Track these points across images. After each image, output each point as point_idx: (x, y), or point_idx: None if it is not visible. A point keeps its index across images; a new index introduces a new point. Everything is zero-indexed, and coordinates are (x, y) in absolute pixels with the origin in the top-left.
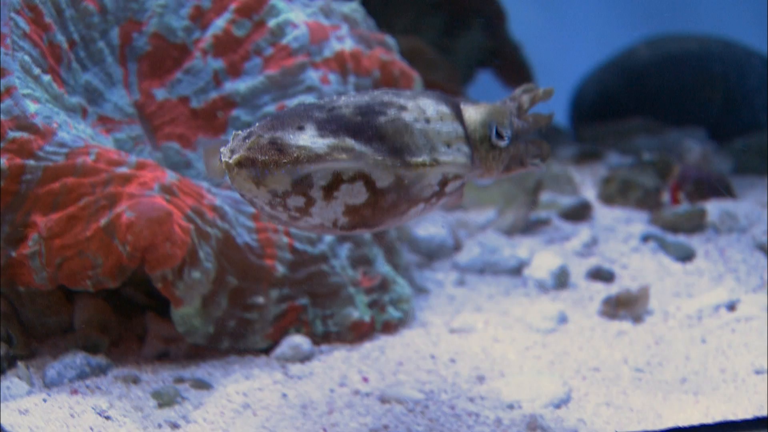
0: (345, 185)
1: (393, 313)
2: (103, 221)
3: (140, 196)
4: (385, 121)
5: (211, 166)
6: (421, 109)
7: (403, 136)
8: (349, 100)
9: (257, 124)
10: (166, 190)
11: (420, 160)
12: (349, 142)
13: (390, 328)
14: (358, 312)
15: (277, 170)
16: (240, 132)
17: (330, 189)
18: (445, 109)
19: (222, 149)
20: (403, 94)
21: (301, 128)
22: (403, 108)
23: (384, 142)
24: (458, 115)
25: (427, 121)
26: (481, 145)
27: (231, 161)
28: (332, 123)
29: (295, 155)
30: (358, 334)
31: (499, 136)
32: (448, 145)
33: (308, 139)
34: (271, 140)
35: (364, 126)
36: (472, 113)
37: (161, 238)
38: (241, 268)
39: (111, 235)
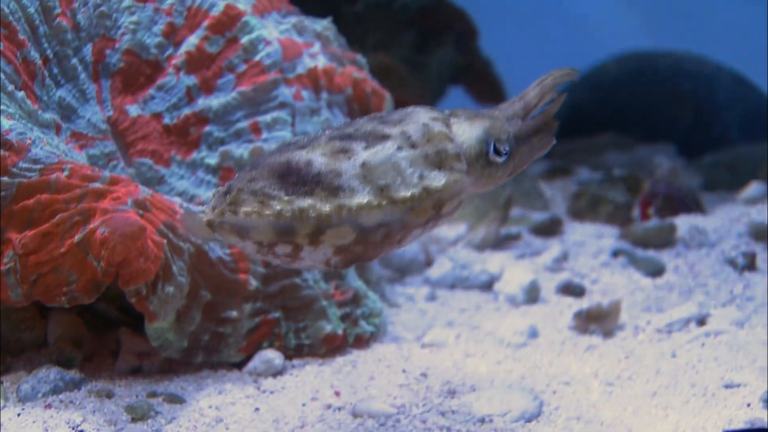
0: (331, 230)
1: (365, 327)
2: (77, 237)
3: (114, 212)
4: (367, 157)
5: (191, 227)
6: (406, 135)
7: (386, 172)
8: (332, 134)
9: (236, 177)
10: (140, 205)
11: (408, 194)
12: (331, 189)
13: (362, 341)
14: (331, 325)
15: (259, 223)
16: (220, 188)
17: (316, 234)
18: (432, 129)
19: (204, 207)
20: (389, 119)
21: (282, 177)
22: (386, 137)
23: (367, 182)
24: (448, 133)
25: (413, 146)
26: (477, 161)
27: (213, 217)
28: (313, 168)
29: (277, 209)
30: (330, 347)
31: (497, 152)
32: (439, 168)
33: (290, 188)
34: (252, 193)
35: (345, 166)
36: (467, 128)
37: (135, 253)
38: (214, 283)
39: (85, 251)
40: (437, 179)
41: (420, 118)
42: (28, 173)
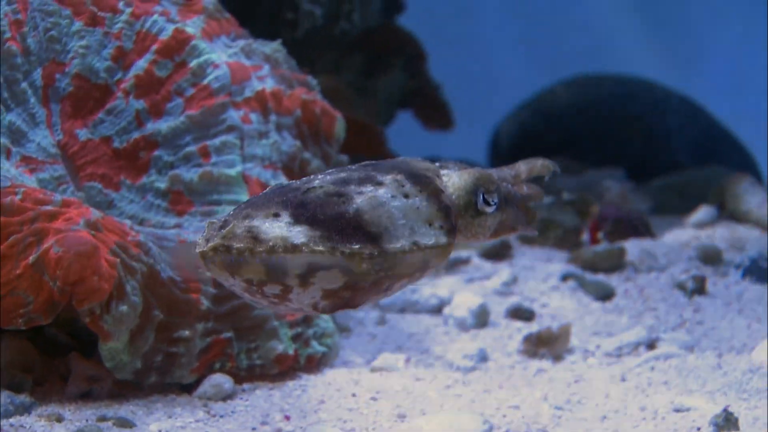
0: (321, 272)
1: (317, 347)
2: (31, 258)
3: (67, 231)
4: (361, 203)
5: (185, 261)
6: (399, 183)
7: (380, 220)
8: (325, 179)
9: (231, 212)
10: (92, 225)
11: (398, 247)
12: (325, 231)
13: (314, 362)
14: (283, 345)
15: (252, 259)
16: (215, 221)
17: (306, 276)
18: (424, 180)
19: (198, 239)
20: (381, 166)
21: (276, 215)
22: (379, 184)
23: (360, 229)
24: (439, 185)
25: (406, 196)
26: (466, 211)
27: (206, 249)
28: (307, 209)
29: (270, 244)
30: (282, 367)
31: (486, 202)
32: (429, 224)
33: (284, 227)
34: (246, 229)
35: (340, 211)
36: (456, 179)
37: (90, 271)
38: (166, 302)
39: (41, 272)
40: (427, 237)
41: (412, 168)
42: None
